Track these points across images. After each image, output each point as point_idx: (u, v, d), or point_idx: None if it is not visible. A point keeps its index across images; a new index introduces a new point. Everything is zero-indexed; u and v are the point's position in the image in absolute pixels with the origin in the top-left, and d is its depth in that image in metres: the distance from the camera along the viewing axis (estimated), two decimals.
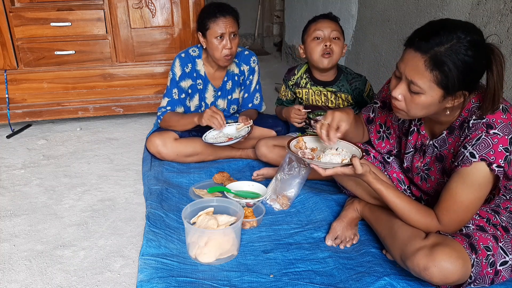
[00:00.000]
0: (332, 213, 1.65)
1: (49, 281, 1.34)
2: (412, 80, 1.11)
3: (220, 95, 2.18)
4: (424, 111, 1.17)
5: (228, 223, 1.44)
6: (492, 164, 1.10)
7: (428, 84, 1.09)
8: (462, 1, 1.82)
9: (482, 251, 1.16)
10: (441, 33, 1.07)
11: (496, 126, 1.11)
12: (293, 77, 2.06)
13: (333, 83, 1.94)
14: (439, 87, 1.09)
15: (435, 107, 1.15)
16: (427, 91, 1.11)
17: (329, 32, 1.81)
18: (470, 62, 1.06)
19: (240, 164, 2.12)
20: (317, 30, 1.82)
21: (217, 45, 1.95)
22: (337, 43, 1.82)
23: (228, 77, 2.16)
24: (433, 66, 1.07)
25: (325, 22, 1.83)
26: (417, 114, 1.19)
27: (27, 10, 2.44)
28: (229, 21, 1.94)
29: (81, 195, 1.87)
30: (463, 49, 1.05)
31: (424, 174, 1.38)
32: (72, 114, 2.66)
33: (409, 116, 1.21)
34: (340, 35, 1.84)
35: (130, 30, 2.60)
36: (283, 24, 4.63)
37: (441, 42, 1.06)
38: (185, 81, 2.11)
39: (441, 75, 1.07)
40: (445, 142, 1.27)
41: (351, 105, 1.96)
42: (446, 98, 1.12)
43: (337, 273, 1.34)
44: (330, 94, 1.96)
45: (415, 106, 1.15)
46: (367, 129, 1.57)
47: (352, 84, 1.92)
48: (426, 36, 1.08)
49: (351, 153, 1.36)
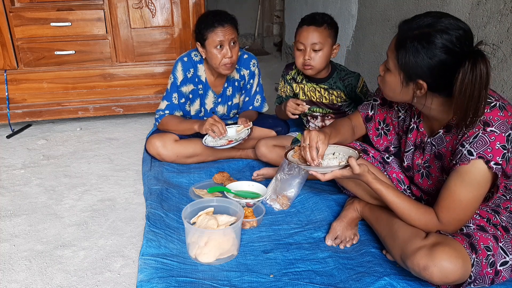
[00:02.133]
0: (332, 213, 1.65)
1: (49, 281, 1.34)
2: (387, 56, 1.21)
3: (220, 102, 2.17)
4: (391, 92, 1.26)
5: (228, 223, 1.44)
6: (490, 162, 1.11)
7: (393, 62, 1.18)
8: (462, 1, 1.82)
9: (482, 251, 1.16)
10: (424, 18, 1.14)
11: (493, 124, 1.12)
12: (290, 72, 2.07)
13: (325, 80, 1.96)
14: (397, 68, 1.18)
15: (399, 89, 1.21)
16: (392, 69, 1.20)
17: (309, 43, 1.79)
18: (431, 55, 1.10)
19: (240, 164, 2.12)
20: (299, 41, 1.81)
21: (217, 54, 1.92)
22: (317, 54, 1.81)
23: (228, 84, 2.15)
24: (399, 45, 1.15)
25: (307, 31, 1.79)
26: (388, 94, 1.28)
27: (27, 10, 2.44)
28: (228, 30, 1.91)
29: (81, 195, 1.87)
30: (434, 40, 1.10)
31: (425, 171, 1.38)
32: (72, 114, 2.66)
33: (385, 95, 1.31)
34: (324, 41, 1.79)
35: (130, 30, 2.60)
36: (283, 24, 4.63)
37: (415, 27, 1.13)
38: (186, 86, 2.09)
39: (401, 56, 1.15)
40: (442, 140, 1.28)
41: (344, 101, 1.97)
42: (408, 84, 1.18)
43: (337, 273, 1.34)
44: (323, 91, 1.97)
45: (385, 84, 1.26)
46: (365, 127, 1.57)
47: (345, 80, 1.93)
48: (413, 17, 1.16)
49: (348, 155, 1.37)
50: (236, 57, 1.98)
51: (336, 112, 2.01)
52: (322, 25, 1.79)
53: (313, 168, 1.31)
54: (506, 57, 1.60)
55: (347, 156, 1.36)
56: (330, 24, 1.82)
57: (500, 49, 1.60)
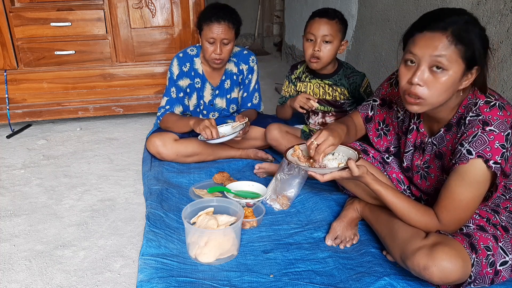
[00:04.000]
0: (332, 213, 1.65)
1: (49, 281, 1.34)
2: (438, 56, 1.11)
3: (218, 94, 2.18)
4: (446, 93, 1.15)
5: (228, 223, 1.44)
6: (489, 161, 1.11)
7: (455, 58, 1.11)
8: (462, 1, 1.82)
9: (482, 251, 1.16)
10: (449, 14, 1.13)
11: (492, 123, 1.12)
12: (295, 71, 2.08)
13: (330, 76, 1.96)
14: (463, 61, 1.12)
15: (455, 87, 1.15)
16: (451, 67, 1.11)
17: (320, 35, 1.80)
18: (484, 35, 1.13)
19: (240, 164, 2.12)
20: (310, 31, 1.83)
21: (208, 48, 1.96)
22: (328, 47, 1.82)
23: (226, 76, 2.17)
24: (457, 40, 1.10)
25: (319, 23, 1.81)
26: (439, 98, 1.16)
27: (27, 10, 2.44)
28: (223, 28, 1.91)
29: (81, 195, 1.87)
30: (475, 25, 1.12)
31: (424, 172, 1.38)
32: (72, 114, 2.66)
33: (428, 105, 1.18)
34: (335, 35, 1.82)
35: (130, 30, 2.60)
36: (283, 24, 4.63)
37: (456, 21, 1.11)
38: (183, 80, 2.11)
39: (465, 47, 1.10)
40: (443, 139, 1.28)
41: (347, 99, 1.97)
42: (464, 76, 1.14)
43: (337, 273, 1.34)
44: (327, 87, 1.98)
45: (440, 87, 1.13)
46: (365, 127, 1.57)
47: (350, 78, 1.94)
48: (439, 17, 1.12)
49: (347, 156, 1.37)
50: (227, 56, 2.00)
51: (338, 111, 2.01)
52: (334, 18, 1.82)
53: (312, 169, 1.31)
54: (506, 57, 1.60)
55: (346, 157, 1.36)
56: (341, 19, 1.85)
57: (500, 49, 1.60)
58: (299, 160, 1.40)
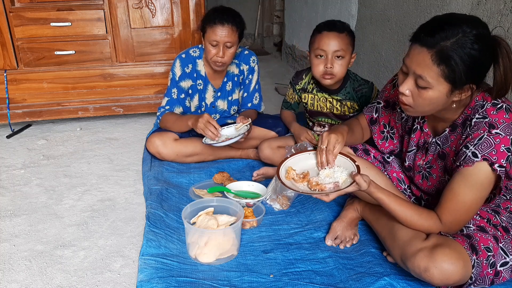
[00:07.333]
0: (332, 213, 1.66)
1: (49, 281, 1.34)
2: (419, 75, 1.10)
3: (220, 96, 2.18)
4: (431, 106, 1.16)
5: (228, 223, 1.44)
6: (494, 164, 1.10)
7: (436, 78, 1.09)
8: (462, 1, 1.82)
9: (483, 252, 1.16)
10: (446, 27, 1.07)
11: (498, 126, 1.11)
12: (300, 82, 2.00)
13: (338, 91, 1.88)
14: (446, 81, 1.09)
15: (442, 101, 1.14)
16: (434, 85, 1.10)
17: (332, 51, 1.69)
18: (476, 55, 1.06)
19: (240, 164, 2.12)
20: (319, 48, 1.70)
21: (211, 50, 1.95)
22: (340, 62, 1.72)
23: (228, 78, 2.16)
24: (440, 60, 1.07)
25: (329, 37, 1.69)
26: (425, 109, 1.18)
27: (27, 10, 2.44)
28: (226, 31, 1.90)
29: (81, 195, 1.87)
30: (469, 43, 1.05)
31: (426, 173, 1.38)
32: (72, 114, 2.66)
33: (416, 112, 1.21)
34: (346, 49, 1.71)
35: (130, 30, 2.60)
36: (283, 24, 4.62)
37: (446, 37, 1.06)
38: (185, 81, 2.11)
39: (448, 69, 1.07)
40: (447, 139, 1.27)
41: (356, 111, 1.90)
42: (453, 92, 1.12)
43: (337, 273, 1.34)
44: (335, 102, 1.91)
45: (422, 101, 1.14)
46: (370, 129, 1.56)
47: (359, 92, 1.86)
48: (432, 31, 1.08)
49: (344, 167, 1.33)
50: (229, 59, 1.98)
51: None
52: (343, 31, 1.71)
53: (316, 194, 1.27)
54: None
55: (342, 168, 1.32)
56: (349, 31, 1.75)
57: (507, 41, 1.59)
58: (295, 182, 1.34)
